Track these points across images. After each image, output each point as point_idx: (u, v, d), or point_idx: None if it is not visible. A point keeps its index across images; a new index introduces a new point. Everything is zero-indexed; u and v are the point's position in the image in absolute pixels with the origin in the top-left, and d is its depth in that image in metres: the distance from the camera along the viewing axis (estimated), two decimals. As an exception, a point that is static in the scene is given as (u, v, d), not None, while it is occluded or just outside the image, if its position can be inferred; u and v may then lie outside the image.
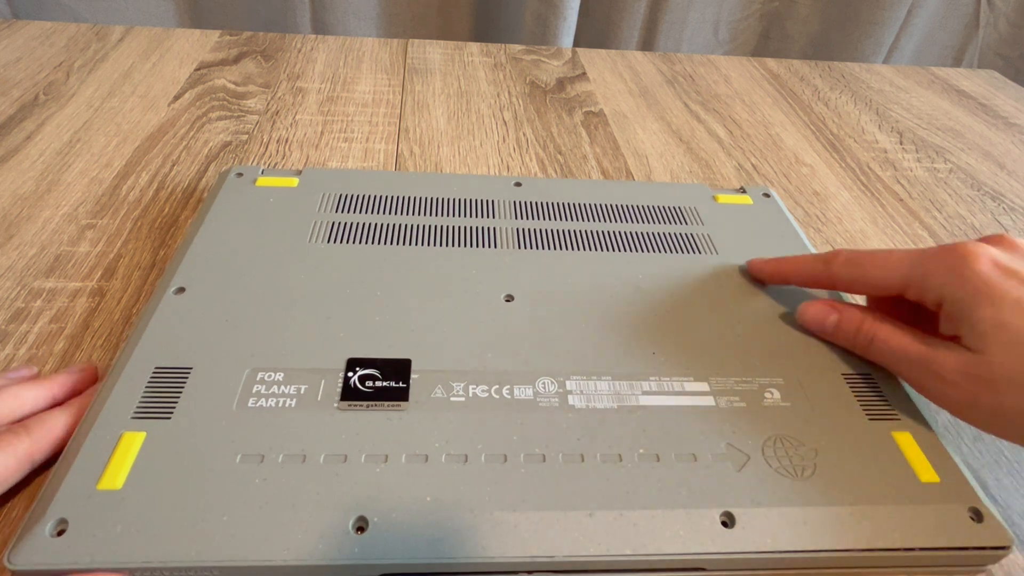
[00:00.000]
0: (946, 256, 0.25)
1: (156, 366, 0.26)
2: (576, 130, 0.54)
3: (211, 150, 0.46)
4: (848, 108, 0.62)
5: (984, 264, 0.24)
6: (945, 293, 0.25)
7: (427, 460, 0.23)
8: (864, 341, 0.28)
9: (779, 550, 0.22)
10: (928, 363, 0.25)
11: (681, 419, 0.26)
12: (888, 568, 0.23)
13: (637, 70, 0.66)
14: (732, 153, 0.53)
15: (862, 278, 0.28)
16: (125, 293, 0.34)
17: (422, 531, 0.21)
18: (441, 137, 0.51)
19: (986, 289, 0.23)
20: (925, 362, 0.25)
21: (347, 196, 0.36)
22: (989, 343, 0.23)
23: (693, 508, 0.23)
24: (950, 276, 0.25)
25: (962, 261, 0.24)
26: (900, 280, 0.26)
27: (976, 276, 0.24)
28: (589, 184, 0.41)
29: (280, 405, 0.25)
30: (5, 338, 0.31)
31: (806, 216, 0.46)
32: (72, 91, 0.52)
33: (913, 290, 0.26)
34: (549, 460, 0.24)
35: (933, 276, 0.25)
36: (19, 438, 0.23)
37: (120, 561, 0.20)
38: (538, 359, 0.28)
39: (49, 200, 0.40)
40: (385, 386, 0.26)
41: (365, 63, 0.61)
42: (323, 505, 0.22)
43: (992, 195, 0.51)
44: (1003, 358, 0.22)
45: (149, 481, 0.22)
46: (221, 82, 0.55)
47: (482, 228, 0.35)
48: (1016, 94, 0.69)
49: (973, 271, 0.24)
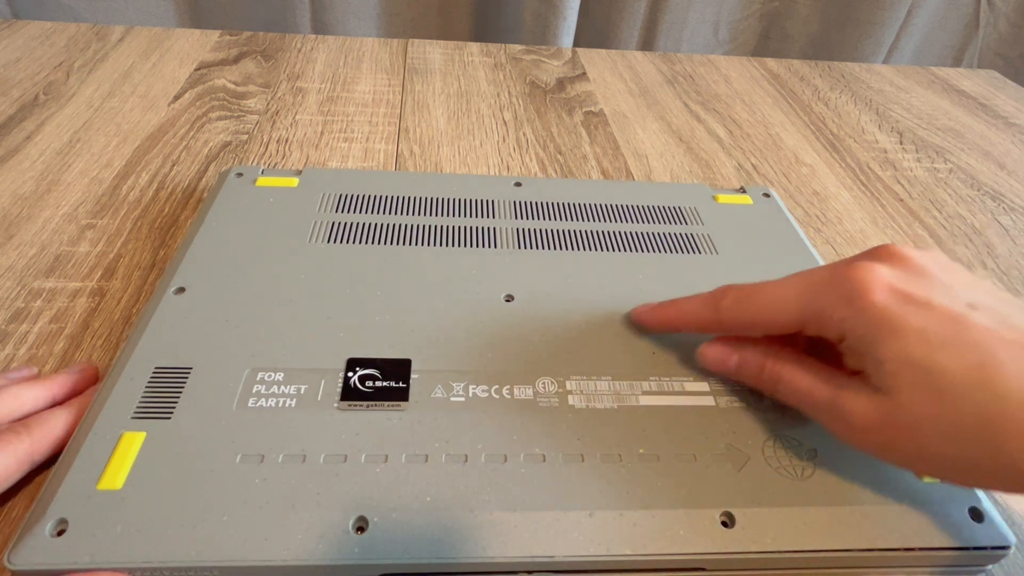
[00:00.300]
0: (838, 286, 0.23)
1: (156, 366, 0.26)
2: (576, 130, 0.54)
3: (211, 150, 0.46)
4: (848, 108, 0.62)
5: (880, 293, 0.22)
6: (844, 328, 0.22)
7: (427, 460, 0.23)
8: (769, 383, 0.25)
9: (779, 550, 0.22)
10: (836, 410, 0.22)
11: (681, 419, 0.26)
12: (888, 568, 0.23)
13: (637, 70, 0.66)
14: (732, 153, 0.53)
15: (753, 319, 0.25)
16: (125, 293, 0.34)
17: (422, 531, 0.21)
18: (441, 137, 0.51)
19: (887, 321, 0.21)
20: (833, 409, 0.23)
21: (347, 196, 0.36)
22: (898, 382, 0.21)
23: (693, 508, 0.23)
24: (847, 309, 0.22)
25: (857, 290, 0.22)
26: (794, 318, 0.24)
27: (873, 308, 0.21)
28: (589, 184, 0.41)
29: (280, 405, 0.25)
30: (5, 338, 0.31)
31: (806, 216, 0.46)
32: (72, 91, 0.52)
33: (811, 327, 0.23)
34: (549, 460, 0.24)
35: (829, 311, 0.23)
36: (19, 438, 0.23)
37: (120, 561, 0.20)
38: (538, 359, 0.28)
39: (49, 200, 0.40)
40: (385, 386, 0.26)
41: (365, 63, 0.61)
42: (323, 505, 0.22)
43: (992, 195, 0.51)
44: (913, 399, 0.20)
45: (149, 481, 0.22)
46: (221, 82, 0.55)
47: (482, 228, 0.35)
48: (1016, 94, 0.69)
49: (869, 302, 0.22)
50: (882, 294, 0.22)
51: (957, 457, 0.20)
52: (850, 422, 0.22)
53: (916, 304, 0.21)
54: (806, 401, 0.24)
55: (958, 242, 0.45)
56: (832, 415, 0.23)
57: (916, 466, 0.22)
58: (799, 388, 0.24)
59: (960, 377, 0.20)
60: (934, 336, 0.20)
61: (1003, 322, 0.21)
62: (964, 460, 0.20)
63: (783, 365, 0.25)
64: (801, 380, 0.24)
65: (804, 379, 0.24)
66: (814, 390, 0.23)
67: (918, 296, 0.21)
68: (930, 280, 0.22)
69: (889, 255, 0.23)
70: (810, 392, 0.24)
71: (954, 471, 0.21)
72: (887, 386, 0.21)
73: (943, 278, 0.22)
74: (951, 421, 0.20)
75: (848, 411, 0.22)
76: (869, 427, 0.21)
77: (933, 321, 0.21)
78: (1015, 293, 0.41)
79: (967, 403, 0.20)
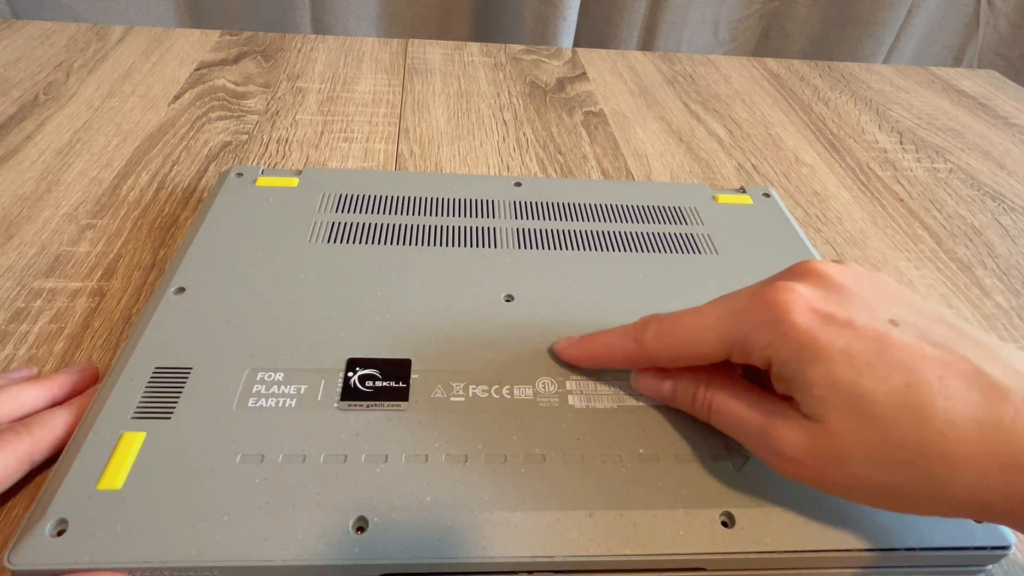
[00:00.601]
0: (759, 311, 0.22)
1: (156, 366, 0.26)
2: (576, 130, 0.54)
3: (211, 150, 0.46)
4: (848, 108, 0.62)
5: (801, 314, 0.21)
6: (770, 354, 0.21)
7: (427, 460, 0.23)
8: (703, 410, 0.24)
9: (779, 550, 0.22)
10: (767, 439, 0.22)
11: (681, 419, 0.26)
12: (888, 568, 0.23)
13: (637, 70, 0.66)
14: (732, 153, 0.53)
15: (677, 351, 0.24)
16: (125, 293, 0.34)
17: (422, 531, 0.21)
18: (441, 137, 0.51)
19: (811, 344, 0.20)
20: (764, 438, 0.22)
21: (347, 196, 0.36)
22: (827, 408, 0.20)
23: (693, 508, 0.23)
24: (770, 334, 0.21)
25: (778, 315, 0.21)
26: (717, 347, 0.23)
27: (796, 330, 0.21)
28: (589, 184, 0.41)
29: (280, 405, 0.25)
30: (5, 338, 0.31)
31: (806, 216, 0.46)
32: (72, 91, 0.52)
33: (737, 355, 0.23)
34: (549, 460, 0.24)
35: (752, 337, 0.22)
36: (19, 437, 0.23)
37: (120, 561, 0.20)
38: (538, 359, 0.28)
39: (49, 200, 0.40)
40: (385, 386, 0.26)
41: (365, 63, 0.61)
42: (323, 505, 0.22)
43: (992, 195, 0.51)
44: (843, 424, 0.20)
45: (149, 481, 0.22)
46: (221, 82, 0.55)
47: (482, 228, 0.35)
48: (1016, 94, 0.69)
49: (792, 325, 0.21)
50: (803, 315, 0.21)
51: (889, 484, 0.20)
52: (780, 451, 0.21)
53: (838, 324, 0.21)
54: (738, 429, 0.23)
55: (958, 242, 0.45)
56: (763, 444, 0.22)
57: (850, 495, 0.21)
58: (731, 416, 0.23)
59: (887, 400, 0.19)
60: (858, 358, 0.20)
61: (925, 337, 0.20)
62: (896, 487, 0.20)
63: (715, 392, 0.24)
64: (732, 407, 0.23)
65: (735, 406, 0.23)
66: (745, 418, 0.23)
67: (839, 316, 0.21)
68: (850, 297, 0.22)
69: (807, 273, 0.23)
70: (741, 420, 0.23)
71: (887, 498, 0.20)
72: (816, 413, 0.20)
73: (863, 294, 0.22)
74: (880, 447, 0.19)
75: (778, 439, 0.21)
76: (800, 456, 0.21)
77: (856, 342, 0.20)
78: (1015, 293, 0.41)
79: (895, 428, 0.19)
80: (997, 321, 0.39)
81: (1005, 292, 0.41)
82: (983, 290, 0.41)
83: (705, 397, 0.24)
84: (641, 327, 0.25)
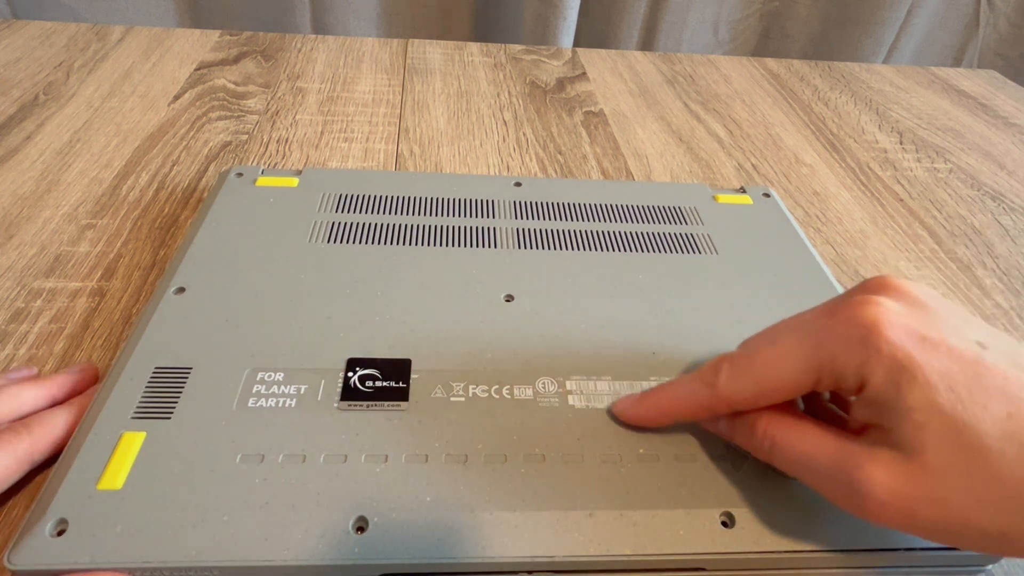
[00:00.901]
0: (845, 327, 0.20)
1: (156, 366, 0.26)
2: (576, 130, 0.54)
3: (211, 150, 0.46)
4: (848, 108, 0.62)
5: (893, 330, 0.19)
6: (864, 373, 0.19)
7: (427, 460, 0.23)
8: (765, 446, 0.22)
9: (779, 550, 0.22)
10: (847, 479, 0.19)
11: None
12: (888, 568, 0.23)
13: (637, 70, 0.66)
14: (732, 153, 0.53)
15: (759, 388, 0.22)
16: (125, 293, 0.34)
17: (422, 531, 0.21)
18: (441, 137, 0.51)
19: (908, 364, 0.18)
20: (843, 477, 0.19)
21: (347, 196, 0.36)
22: (926, 437, 0.18)
23: (693, 508, 0.23)
24: (863, 353, 0.19)
25: (868, 331, 0.19)
26: (805, 375, 0.21)
27: (891, 347, 0.19)
28: (589, 184, 0.41)
29: (280, 405, 0.25)
30: (5, 338, 0.31)
31: (806, 216, 0.46)
32: (72, 91, 0.52)
33: (825, 381, 0.20)
34: (549, 460, 0.24)
35: (841, 358, 0.20)
36: (19, 437, 0.23)
37: (120, 561, 0.20)
38: (538, 359, 0.28)
39: (49, 200, 0.40)
40: (385, 386, 0.26)
41: (365, 63, 0.61)
42: (323, 505, 0.22)
43: (992, 195, 0.51)
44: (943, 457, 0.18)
45: (149, 481, 0.22)
46: (221, 82, 0.55)
47: (482, 228, 0.35)
48: (1016, 94, 0.69)
49: (887, 341, 0.19)
50: (896, 332, 0.19)
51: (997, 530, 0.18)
52: (866, 492, 0.19)
53: (932, 344, 0.19)
54: (808, 468, 0.21)
55: (958, 242, 0.45)
56: (841, 484, 0.20)
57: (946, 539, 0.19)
58: (798, 454, 0.21)
59: (991, 431, 0.17)
60: (957, 383, 0.18)
61: (1015, 362, 0.19)
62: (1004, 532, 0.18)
63: (779, 424, 0.22)
64: (799, 444, 0.21)
65: (803, 443, 0.21)
66: (817, 455, 0.20)
67: (932, 336, 0.19)
68: (935, 315, 0.20)
69: (886, 288, 0.21)
70: (811, 458, 0.20)
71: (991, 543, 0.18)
72: (913, 443, 0.18)
73: (943, 313, 0.20)
74: (987, 487, 0.17)
75: (863, 479, 0.19)
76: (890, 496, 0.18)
77: (952, 364, 0.18)
78: (1015, 294, 0.41)
79: (1002, 463, 0.17)
80: (997, 321, 0.39)
81: (1005, 292, 0.41)
82: (983, 290, 0.41)
83: (766, 429, 0.22)
84: (711, 370, 0.23)
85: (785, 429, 0.21)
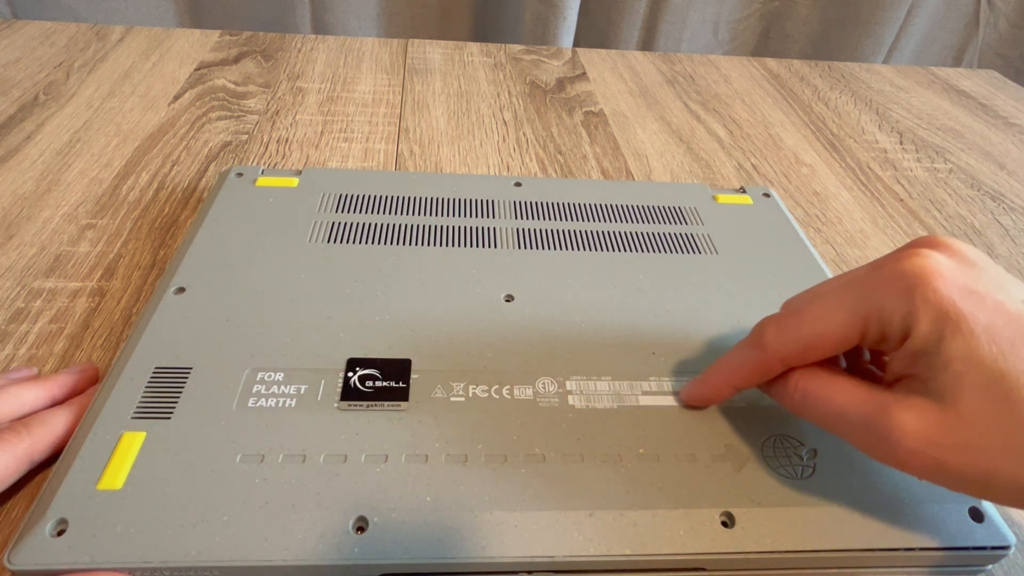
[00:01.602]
0: (893, 279, 0.20)
1: (156, 366, 0.26)
2: (576, 130, 0.54)
3: (211, 150, 0.46)
4: (848, 108, 0.62)
5: (941, 281, 0.19)
6: (909, 323, 0.19)
7: (427, 460, 0.23)
8: (797, 397, 0.22)
9: (779, 550, 0.22)
10: (878, 426, 0.20)
11: (681, 419, 0.26)
12: (888, 568, 0.23)
13: (637, 70, 0.66)
14: (732, 153, 0.53)
15: (806, 340, 0.22)
16: (125, 293, 0.34)
17: (422, 531, 0.21)
18: (441, 137, 0.51)
19: (954, 314, 0.19)
20: (874, 425, 0.20)
21: (347, 196, 0.36)
22: (962, 386, 0.18)
23: (693, 508, 0.23)
24: (908, 302, 0.19)
25: (916, 281, 0.20)
26: (852, 326, 0.21)
27: (938, 296, 0.19)
28: (589, 184, 0.41)
29: (280, 405, 0.25)
30: (5, 338, 0.31)
31: (806, 216, 0.46)
32: (72, 91, 0.52)
33: (872, 331, 0.21)
34: (549, 460, 0.24)
35: (888, 307, 0.20)
36: (19, 437, 0.23)
37: (120, 561, 0.20)
38: (538, 359, 0.28)
39: (49, 200, 0.40)
40: (385, 386, 0.26)
41: (365, 63, 0.61)
42: (323, 505, 0.22)
43: (992, 195, 0.51)
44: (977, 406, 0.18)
45: (149, 481, 0.22)
46: (221, 82, 0.55)
47: (482, 228, 0.35)
48: (1016, 94, 0.69)
49: (934, 291, 0.19)
50: (944, 282, 0.19)
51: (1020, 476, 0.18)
52: (896, 440, 0.19)
53: (979, 297, 0.19)
54: (839, 418, 0.21)
55: (958, 242, 0.45)
56: (872, 432, 0.20)
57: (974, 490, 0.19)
58: (831, 404, 0.21)
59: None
60: (1000, 336, 0.18)
61: None
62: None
63: (811, 376, 0.22)
64: (832, 394, 0.21)
65: (835, 393, 0.21)
66: (848, 404, 0.21)
67: (979, 289, 0.19)
68: (983, 271, 0.20)
69: (936, 244, 0.21)
70: (843, 406, 0.21)
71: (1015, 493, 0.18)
72: (948, 392, 0.18)
73: (990, 271, 0.20)
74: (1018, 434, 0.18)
75: (894, 427, 0.19)
76: (920, 443, 0.19)
77: (998, 318, 0.19)
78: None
79: None
80: (997, 321, 0.39)
81: (1005, 292, 0.41)
82: (983, 290, 0.41)
83: (799, 382, 0.22)
84: (757, 333, 0.23)
85: (817, 380, 0.22)
